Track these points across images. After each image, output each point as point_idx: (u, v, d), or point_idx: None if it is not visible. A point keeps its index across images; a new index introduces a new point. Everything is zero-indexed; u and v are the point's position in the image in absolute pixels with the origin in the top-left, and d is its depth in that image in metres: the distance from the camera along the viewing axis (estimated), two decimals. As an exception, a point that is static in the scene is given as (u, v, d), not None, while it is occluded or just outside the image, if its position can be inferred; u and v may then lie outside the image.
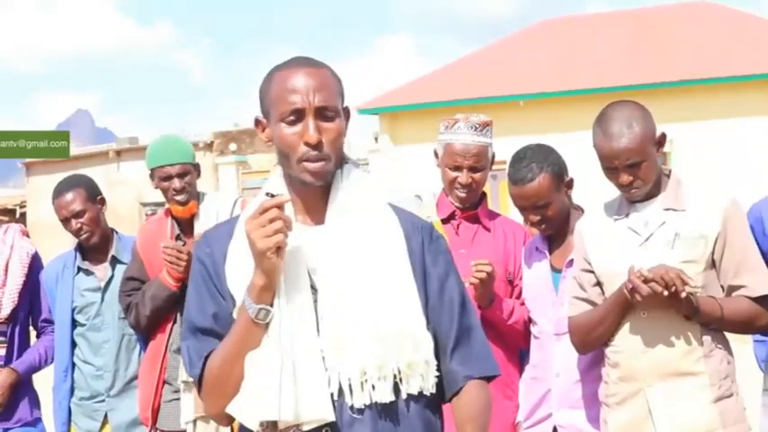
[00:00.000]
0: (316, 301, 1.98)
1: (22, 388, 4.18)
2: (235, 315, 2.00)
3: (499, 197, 16.66)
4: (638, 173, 2.85)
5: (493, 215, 3.59)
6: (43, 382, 4.28)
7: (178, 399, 3.83)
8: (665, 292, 2.70)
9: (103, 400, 4.09)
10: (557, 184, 3.23)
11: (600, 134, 2.87)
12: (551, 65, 19.44)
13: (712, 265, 2.87)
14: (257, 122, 2.10)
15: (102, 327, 4.07)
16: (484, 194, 3.58)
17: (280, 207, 1.89)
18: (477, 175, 3.44)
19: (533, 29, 22.43)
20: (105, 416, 4.10)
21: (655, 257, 2.82)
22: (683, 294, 2.72)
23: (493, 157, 3.51)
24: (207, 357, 2.02)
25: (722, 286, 2.89)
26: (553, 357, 3.28)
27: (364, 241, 2.02)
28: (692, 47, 18.83)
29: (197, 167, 3.90)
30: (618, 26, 20.85)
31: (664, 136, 2.90)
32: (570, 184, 3.29)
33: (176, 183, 3.80)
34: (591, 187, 5.60)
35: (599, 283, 2.99)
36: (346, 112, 2.09)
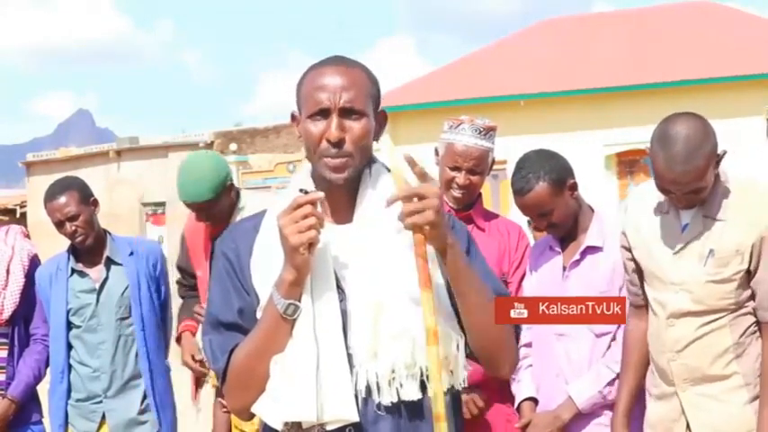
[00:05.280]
0: (342, 301, 1.99)
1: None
2: (259, 312, 2.00)
3: (500, 197, 16.66)
4: (695, 198, 2.80)
5: (487, 215, 3.59)
6: (41, 383, 4.29)
7: None
8: None
9: (100, 402, 4.09)
10: (556, 190, 3.22)
11: (661, 158, 2.75)
12: (551, 65, 19.44)
13: (748, 274, 2.81)
14: (293, 117, 2.12)
15: (97, 328, 4.07)
16: (479, 195, 3.58)
17: (313, 203, 1.91)
18: (474, 178, 3.44)
19: (533, 29, 22.43)
20: (102, 417, 4.10)
21: (686, 271, 2.83)
22: None
23: (492, 161, 3.51)
24: (231, 352, 2.02)
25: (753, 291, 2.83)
26: (554, 357, 3.29)
27: (392, 240, 2.02)
28: (692, 47, 18.83)
29: (220, 195, 3.79)
30: (618, 26, 20.85)
31: (723, 154, 2.80)
32: (574, 187, 3.28)
33: (198, 214, 3.88)
34: (589, 188, 5.61)
35: (639, 271, 2.99)
36: (382, 116, 2.10)
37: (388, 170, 2.14)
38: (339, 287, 2.00)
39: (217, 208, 3.83)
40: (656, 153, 2.77)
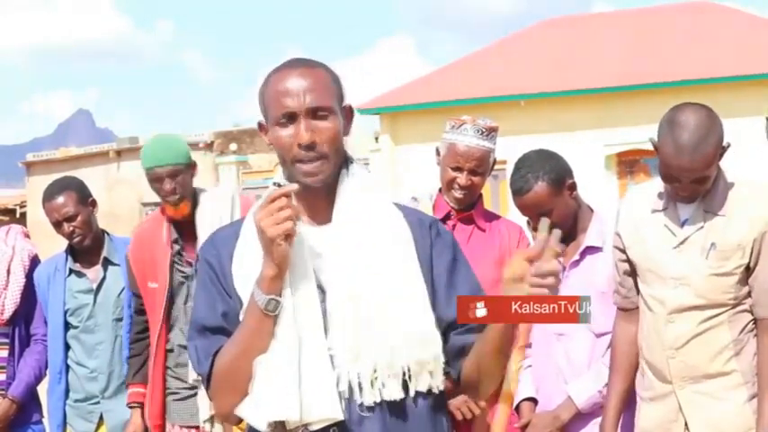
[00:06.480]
0: (323, 301, 1.98)
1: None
2: (242, 315, 2.00)
3: (500, 197, 16.67)
4: (699, 188, 2.79)
5: (488, 216, 3.59)
6: (39, 384, 4.30)
7: (194, 395, 3.78)
8: None
9: (98, 402, 4.08)
10: (555, 190, 3.21)
11: (670, 144, 2.74)
12: (551, 65, 19.45)
13: (747, 269, 2.81)
14: (260, 126, 2.11)
15: (95, 329, 4.06)
16: (480, 195, 3.58)
17: (287, 196, 1.90)
18: (476, 179, 3.44)
19: (533, 29, 22.45)
20: (100, 417, 4.10)
21: (687, 264, 2.82)
22: None
23: (494, 162, 3.51)
24: (215, 355, 2.02)
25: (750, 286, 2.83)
26: (553, 357, 3.28)
27: (372, 240, 2.01)
28: (692, 47, 18.84)
29: (191, 166, 3.79)
30: (618, 26, 20.87)
31: (727, 146, 2.80)
32: (573, 187, 3.28)
33: (167, 184, 3.71)
34: (589, 188, 5.61)
35: (633, 272, 2.99)
36: (348, 111, 2.09)
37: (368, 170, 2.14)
38: (320, 287, 1.99)
39: (186, 179, 3.75)
40: (664, 140, 2.76)
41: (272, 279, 1.92)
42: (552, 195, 3.20)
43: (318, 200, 2.05)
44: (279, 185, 1.96)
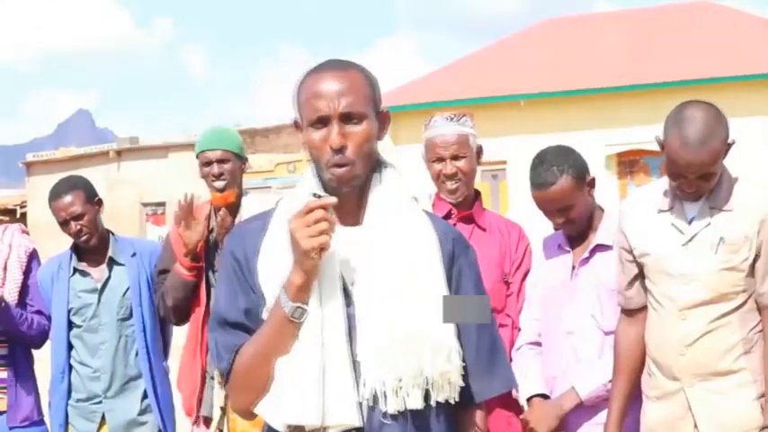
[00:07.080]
0: (349, 305, 1.98)
1: (27, 387, 4.16)
2: (264, 313, 2.00)
3: (500, 197, 16.68)
4: (705, 185, 2.80)
5: (488, 215, 3.57)
6: (40, 383, 4.28)
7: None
8: None
9: (100, 402, 4.07)
10: (579, 185, 3.20)
11: (676, 139, 2.75)
12: (551, 65, 19.45)
13: (755, 262, 2.82)
14: (295, 124, 2.10)
15: (98, 328, 4.05)
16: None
17: (325, 208, 1.90)
18: (460, 164, 3.42)
19: (533, 29, 22.45)
20: (102, 417, 4.08)
21: (697, 260, 2.82)
22: None
23: (480, 149, 3.49)
24: (236, 351, 2.02)
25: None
26: (561, 354, 3.27)
27: (400, 245, 2.01)
28: (692, 47, 18.84)
29: (241, 160, 3.89)
30: (618, 26, 20.87)
31: (732, 143, 2.81)
32: (592, 184, 3.28)
33: (215, 168, 3.82)
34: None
35: (639, 272, 2.99)
36: (384, 116, 2.09)
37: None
38: (346, 291, 1.99)
39: (235, 169, 3.84)
40: (670, 136, 2.77)
41: (299, 288, 1.93)
42: (576, 190, 3.19)
43: (349, 202, 2.04)
44: (318, 196, 1.95)
